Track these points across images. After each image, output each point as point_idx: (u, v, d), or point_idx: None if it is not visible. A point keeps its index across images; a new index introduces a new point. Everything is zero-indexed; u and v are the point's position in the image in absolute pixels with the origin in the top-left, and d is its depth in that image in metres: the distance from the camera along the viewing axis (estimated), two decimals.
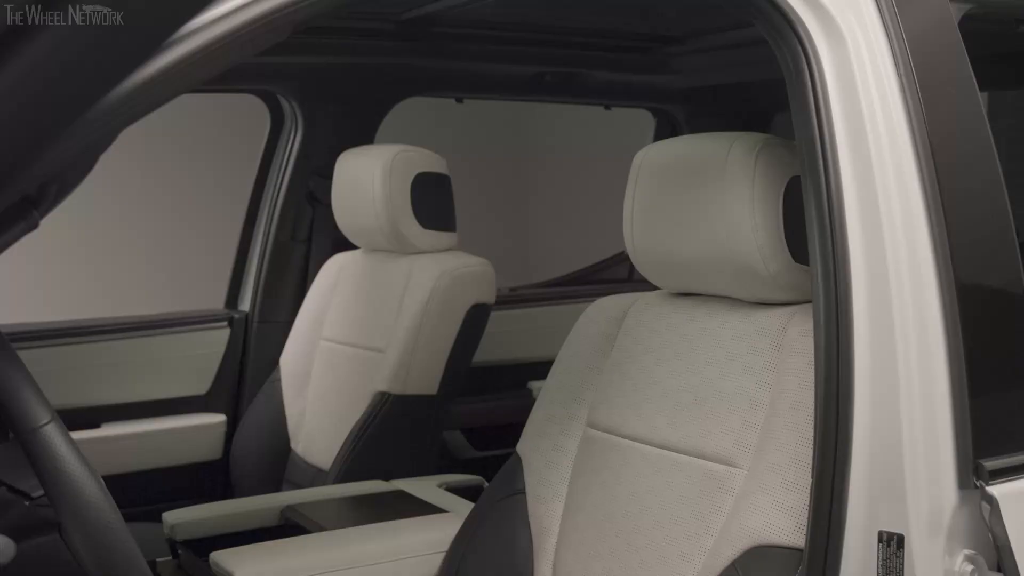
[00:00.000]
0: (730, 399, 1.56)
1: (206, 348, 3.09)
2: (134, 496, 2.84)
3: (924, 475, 1.22)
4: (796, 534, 1.40)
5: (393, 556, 1.93)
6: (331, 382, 2.78)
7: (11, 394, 1.18)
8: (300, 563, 1.87)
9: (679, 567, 1.53)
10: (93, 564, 1.18)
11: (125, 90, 0.99)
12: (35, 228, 1.14)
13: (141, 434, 2.93)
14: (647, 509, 1.61)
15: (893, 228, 1.27)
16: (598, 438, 1.75)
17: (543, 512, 1.79)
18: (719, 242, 1.56)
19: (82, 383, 2.89)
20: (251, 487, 2.85)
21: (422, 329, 2.55)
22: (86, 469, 1.17)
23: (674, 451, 1.61)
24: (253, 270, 3.17)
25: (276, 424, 2.89)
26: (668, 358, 1.68)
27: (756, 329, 1.57)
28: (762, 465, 1.48)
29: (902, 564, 1.21)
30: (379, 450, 2.56)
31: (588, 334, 1.86)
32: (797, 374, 1.49)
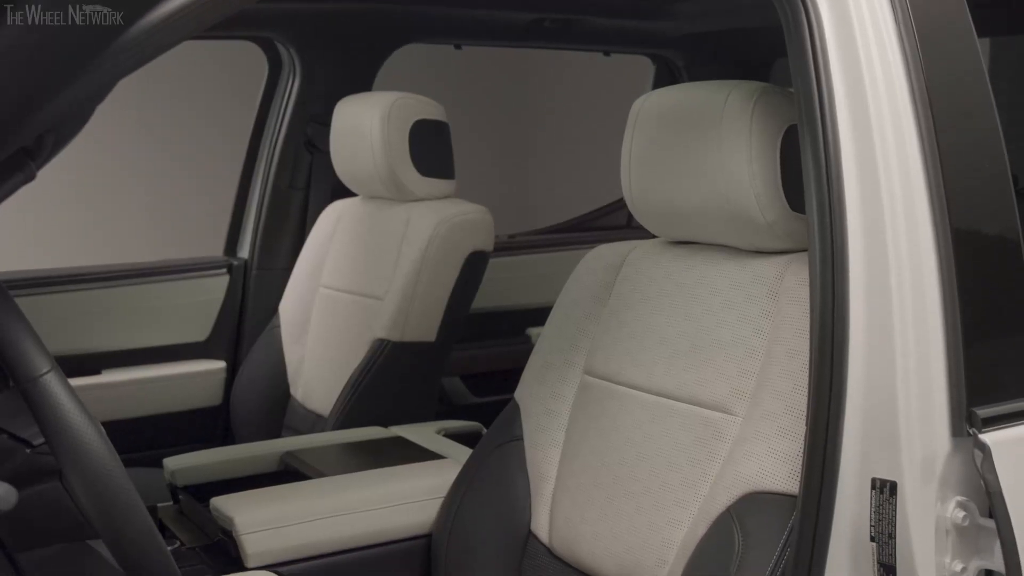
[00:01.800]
0: (726, 347, 1.57)
1: (205, 295, 3.10)
2: (135, 442, 2.86)
3: (917, 423, 1.23)
4: (790, 481, 1.41)
5: (391, 502, 1.95)
6: (330, 329, 2.79)
7: (11, 343, 1.19)
8: (299, 509, 1.89)
9: (675, 513, 1.55)
10: (94, 510, 1.19)
11: (127, 38, 0.99)
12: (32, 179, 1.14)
13: (141, 381, 2.95)
14: (643, 456, 1.62)
15: (889, 177, 1.27)
16: (595, 385, 1.76)
17: (540, 458, 1.80)
18: (716, 190, 1.56)
19: (82, 330, 2.90)
20: (251, 433, 2.87)
21: (420, 276, 2.55)
22: (86, 417, 1.18)
23: (670, 398, 1.62)
24: (252, 217, 3.17)
25: (275, 371, 2.91)
26: (665, 306, 1.69)
27: (753, 277, 1.58)
28: (757, 412, 1.49)
29: (895, 511, 1.22)
30: (378, 397, 2.57)
31: (585, 282, 1.86)
32: (793, 322, 1.49)
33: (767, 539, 1.40)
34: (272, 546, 1.83)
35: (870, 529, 1.23)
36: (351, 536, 1.90)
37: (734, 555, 1.41)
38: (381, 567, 1.93)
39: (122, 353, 2.96)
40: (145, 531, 1.20)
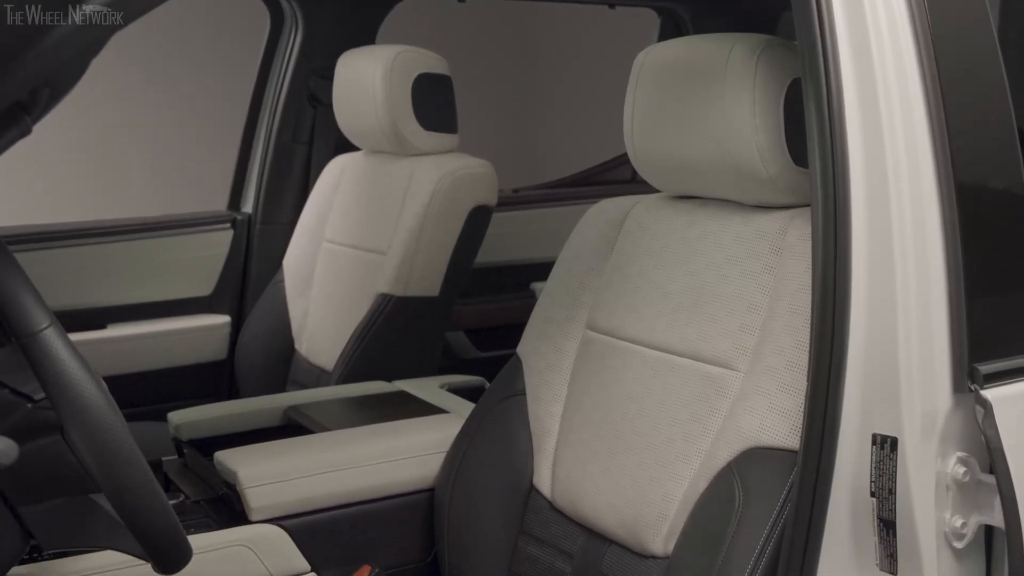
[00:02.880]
0: (729, 302, 1.57)
1: (209, 250, 3.10)
2: (140, 396, 2.88)
3: (919, 378, 1.23)
4: (791, 436, 1.41)
5: (394, 456, 1.96)
6: (334, 284, 2.79)
7: (10, 298, 1.19)
8: (302, 463, 1.89)
9: (676, 468, 1.55)
10: (95, 465, 1.19)
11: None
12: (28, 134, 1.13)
13: (146, 335, 2.96)
14: (645, 411, 1.62)
15: (893, 131, 1.25)
16: (597, 340, 1.76)
17: (543, 413, 1.81)
18: (720, 144, 1.55)
19: (87, 285, 2.91)
20: (256, 387, 2.88)
21: (423, 231, 2.55)
22: (86, 372, 1.18)
23: (672, 354, 1.62)
24: (255, 172, 3.16)
25: (280, 325, 2.91)
26: (667, 261, 1.68)
27: (756, 232, 1.57)
28: (759, 368, 1.49)
29: (895, 466, 1.22)
30: (381, 351, 2.57)
31: (588, 237, 1.86)
32: (796, 277, 1.49)
33: (767, 494, 1.40)
34: (276, 500, 1.84)
35: (870, 484, 1.24)
36: (354, 490, 1.91)
37: (735, 510, 1.42)
38: (384, 521, 1.94)
39: (127, 308, 2.96)
40: (146, 485, 1.20)
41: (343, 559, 1.90)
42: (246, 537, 1.81)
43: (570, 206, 3.41)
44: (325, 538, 1.88)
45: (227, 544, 1.80)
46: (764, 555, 1.37)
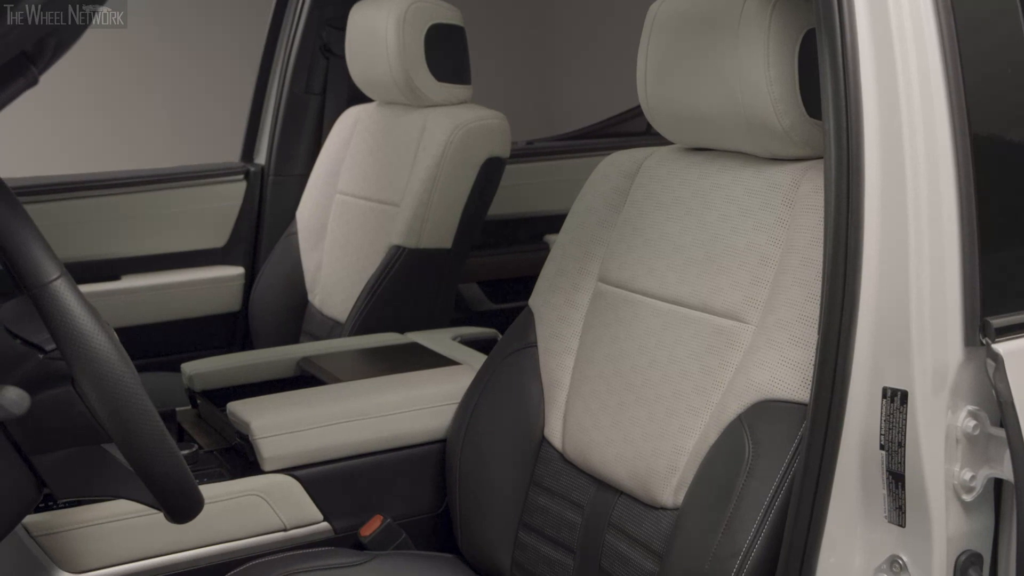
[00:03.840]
0: (741, 255, 1.56)
1: (223, 201, 3.09)
2: (155, 347, 2.89)
3: (930, 332, 1.22)
4: (802, 389, 1.41)
5: (406, 407, 1.96)
6: (347, 235, 2.79)
7: (20, 250, 1.19)
8: (314, 413, 1.90)
9: (686, 420, 1.55)
10: (105, 415, 1.20)
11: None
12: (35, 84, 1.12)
13: (160, 287, 2.96)
14: (656, 363, 1.62)
15: (908, 82, 1.24)
16: (609, 292, 1.75)
17: (554, 365, 1.81)
18: (733, 96, 1.54)
19: (102, 236, 2.91)
20: (270, 339, 2.89)
21: (436, 183, 2.54)
22: (96, 323, 1.19)
23: (684, 306, 1.62)
24: (268, 123, 3.15)
25: (293, 277, 2.92)
26: (680, 214, 1.68)
27: (769, 185, 1.56)
28: (770, 321, 1.48)
29: (905, 420, 1.22)
30: (394, 303, 2.58)
31: (601, 189, 1.85)
32: (808, 230, 1.48)
33: (777, 447, 1.40)
34: (288, 450, 1.85)
35: (880, 438, 1.23)
36: (366, 441, 1.92)
37: (744, 462, 1.42)
38: (396, 471, 1.95)
39: (141, 259, 2.97)
40: (156, 435, 1.21)
41: (355, 509, 1.91)
42: (259, 487, 1.82)
43: (584, 158, 3.40)
44: (337, 488, 1.89)
45: (240, 494, 1.81)
46: (773, 507, 1.37)
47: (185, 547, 1.77)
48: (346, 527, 1.90)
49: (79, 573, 1.69)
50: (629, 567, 1.57)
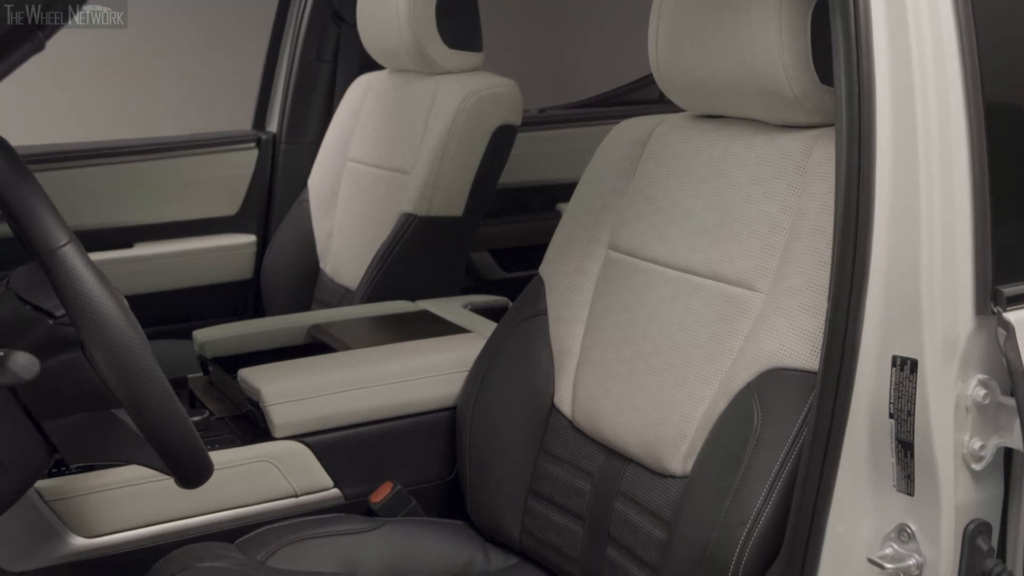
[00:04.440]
0: (752, 223, 1.55)
1: (235, 169, 3.10)
2: (167, 315, 2.90)
3: (941, 300, 1.21)
4: (811, 357, 1.41)
5: (417, 374, 1.97)
6: (358, 203, 2.79)
7: (29, 216, 1.19)
8: (325, 380, 1.91)
9: (696, 388, 1.55)
10: (114, 381, 1.20)
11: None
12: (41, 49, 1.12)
13: (173, 254, 2.97)
14: (666, 331, 1.62)
15: (922, 50, 1.23)
16: (620, 261, 1.75)
17: (564, 333, 1.81)
18: (744, 62, 1.53)
19: (114, 204, 2.92)
20: (281, 306, 2.90)
21: (447, 150, 2.53)
22: (105, 289, 1.19)
23: (694, 274, 1.61)
24: (280, 91, 3.15)
25: (305, 245, 2.92)
26: (691, 181, 1.67)
27: (780, 152, 1.55)
28: (781, 289, 1.48)
29: (915, 388, 1.21)
30: (405, 271, 2.58)
31: (611, 156, 1.84)
32: (820, 198, 1.47)
33: (786, 415, 1.40)
34: (299, 417, 1.86)
35: (889, 406, 1.23)
36: (377, 408, 1.93)
37: (753, 430, 1.42)
38: (406, 438, 1.96)
39: (153, 227, 2.98)
40: (165, 400, 1.21)
41: (365, 476, 1.92)
42: (269, 453, 1.83)
43: (597, 126, 3.38)
44: (348, 455, 1.90)
45: (251, 460, 1.82)
46: (781, 475, 1.37)
47: (196, 512, 1.78)
48: (356, 494, 1.91)
49: (92, 537, 1.71)
50: (638, 534, 1.58)
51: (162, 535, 1.75)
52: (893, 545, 1.24)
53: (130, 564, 1.72)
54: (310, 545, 1.76)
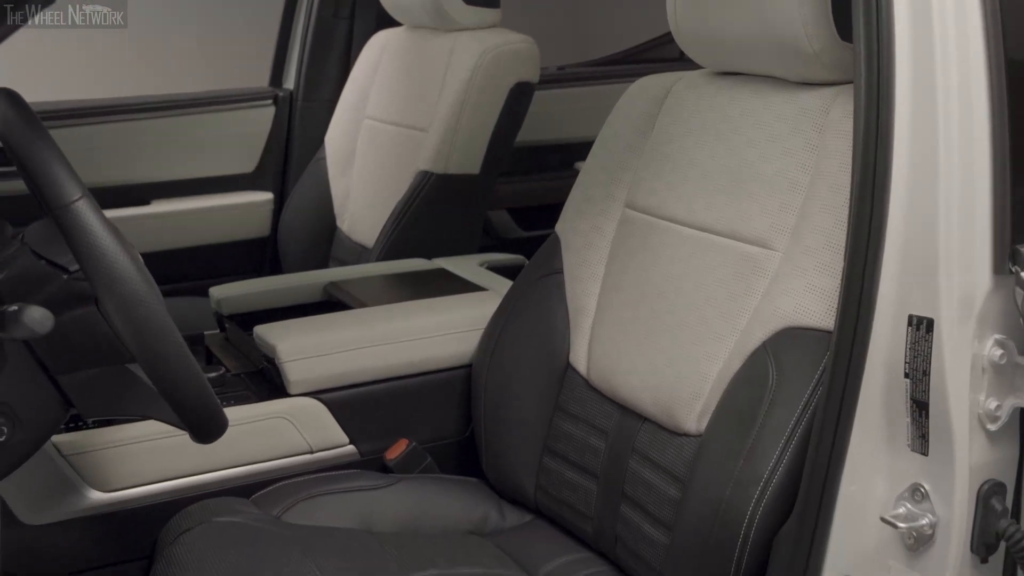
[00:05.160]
0: (769, 181, 1.54)
1: (252, 126, 3.09)
2: (184, 272, 2.91)
3: (958, 260, 1.20)
4: (827, 317, 1.40)
5: (432, 332, 1.97)
6: (375, 161, 2.78)
7: (42, 171, 1.19)
8: (341, 338, 1.91)
9: (711, 347, 1.54)
10: (128, 335, 1.21)
11: None
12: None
13: (190, 211, 2.98)
14: (682, 290, 1.61)
15: (943, 4, 1.20)
16: (636, 219, 1.74)
17: (580, 291, 1.80)
18: (764, 18, 1.51)
19: (131, 160, 2.92)
20: (298, 264, 2.90)
21: (464, 108, 2.52)
22: (118, 244, 1.19)
23: (711, 233, 1.60)
24: (296, 48, 3.14)
25: (322, 202, 2.92)
26: (708, 139, 1.65)
27: (798, 110, 1.54)
28: (797, 248, 1.47)
29: (930, 348, 1.20)
30: (421, 229, 2.57)
31: (629, 114, 1.83)
32: (838, 155, 1.46)
33: (801, 374, 1.39)
34: (314, 374, 1.86)
35: (904, 366, 1.22)
36: (392, 365, 1.93)
37: (768, 389, 1.42)
38: (422, 396, 1.96)
39: (171, 184, 2.98)
40: (179, 355, 1.21)
41: (381, 433, 1.93)
42: (285, 410, 1.84)
43: (616, 84, 3.32)
44: (363, 412, 1.91)
45: (267, 416, 1.83)
46: (795, 435, 1.37)
47: (213, 468, 1.80)
48: (371, 450, 1.92)
49: (109, 492, 1.72)
50: (652, 493, 1.58)
51: (179, 490, 1.77)
52: (906, 504, 1.23)
53: (147, 518, 1.74)
54: (325, 501, 1.77)
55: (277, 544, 1.60)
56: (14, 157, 1.22)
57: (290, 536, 1.63)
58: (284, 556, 1.57)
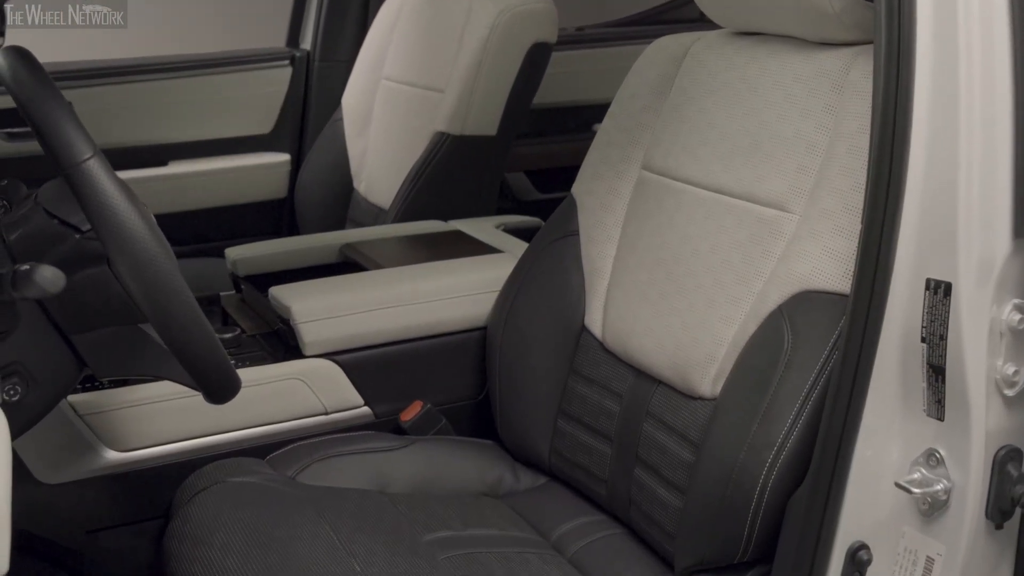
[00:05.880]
0: (787, 143, 1.52)
1: (269, 87, 3.08)
2: (201, 233, 2.91)
3: (978, 222, 1.18)
4: (843, 280, 1.39)
5: (448, 294, 1.96)
6: (392, 122, 2.76)
7: (54, 130, 1.19)
8: (356, 299, 1.91)
9: (727, 310, 1.53)
10: (139, 295, 1.20)
11: None
12: None
13: (207, 172, 2.97)
14: (698, 253, 1.60)
15: None
16: (653, 181, 1.73)
17: (596, 254, 1.79)
18: None
19: (148, 121, 2.91)
20: (315, 226, 2.90)
21: (481, 69, 2.50)
22: (130, 203, 1.18)
23: (728, 195, 1.59)
24: (313, 8, 3.12)
25: (339, 164, 2.91)
26: (726, 100, 1.64)
27: (818, 70, 1.52)
28: (815, 210, 1.45)
29: (948, 312, 1.19)
30: (438, 191, 2.56)
31: (646, 75, 1.81)
32: (857, 117, 1.44)
33: (817, 338, 1.38)
34: (329, 335, 1.86)
35: (921, 330, 1.21)
36: (407, 327, 1.93)
37: (783, 353, 1.41)
38: (437, 358, 1.96)
39: (188, 145, 2.97)
40: (190, 315, 1.21)
41: (395, 394, 1.93)
42: (300, 371, 1.84)
43: (635, 45, 3.29)
44: (378, 373, 1.91)
45: (282, 377, 1.83)
46: (810, 399, 1.36)
47: (228, 428, 1.80)
48: (386, 412, 1.92)
49: (125, 451, 1.73)
50: (666, 456, 1.57)
51: (194, 450, 1.77)
52: (921, 470, 1.22)
53: (163, 478, 1.75)
54: (340, 462, 1.78)
55: (291, 504, 1.61)
56: (26, 116, 1.21)
57: (304, 496, 1.64)
58: (298, 516, 1.57)
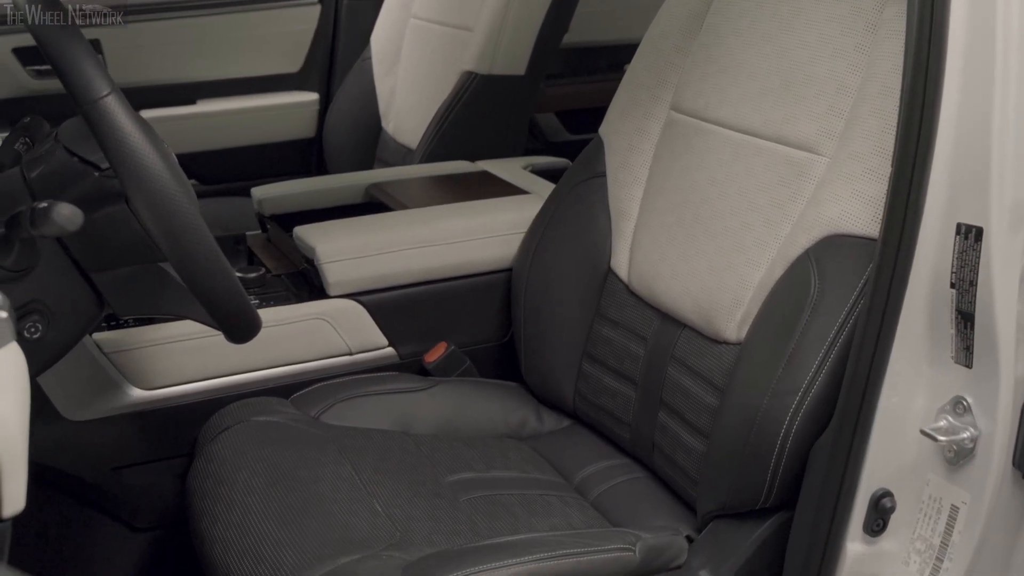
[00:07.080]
0: (819, 84, 1.49)
1: (298, 25, 3.05)
2: (229, 172, 2.90)
3: (1011, 166, 1.15)
4: (873, 224, 1.36)
5: (473, 235, 1.95)
6: (420, 61, 2.74)
7: (72, 67, 1.17)
8: (381, 240, 1.90)
9: (753, 254, 1.51)
10: (158, 233, 1.20)
11: None
12: None
13: (235, 111, 2.96)
14: (726, 195, 1.58)
15: None
16: (681, 122, 1.70)
17: (623, 195, 1.77)
18: None
19: (177, 60, 2.89)
20: (343, 165, 2.89)
21: (510, 6, 2.46)
22: (148, 140, 1.17)
23: (757, 136, 1.56)
24: None
25: (367, 103, 2.89)
26: (757, 40, 1.60)
27: (851, 9, 1.48)
28: (845, 153, 1.42)
29: (978, 257, 1.16)
30: (466, 131, 2.54)
31: (677, 13, 1.77)
32: (891, 57, 1.40)
33: (844, 283, 1.36)
34: (352, 275, 1.86)
35: (951, 276, 1.19)
36: (432, 268, 1.92)
37: (809, 297, 1.38)
38: (461, 299, 1.95)
39: (216, 83, 2.96)
40: (209, 254, 1.20)
41: (420, 335, 1.92)
42: (324, 311, 1.84)
43: None
44: (402, 314, 1.90)
45: (306, 317, 1.83)
46: (836, 344, 1.34)
47: (252, 368, 1.80)
48: (411, 353, 1.92)
49: (150, 389, 1.73)
50: (690, 400, 1.56)
51: (218, 389, 1.78)
52: (948, 418, 1.21)
53: (187, 417, 1.75)
54: (364, 402, 1.78)
55: (315, 444, 1.61)
56: (45, 54, 1.20)
57: (327, 436, 1.64)
58: (321, 456, 1.58)
